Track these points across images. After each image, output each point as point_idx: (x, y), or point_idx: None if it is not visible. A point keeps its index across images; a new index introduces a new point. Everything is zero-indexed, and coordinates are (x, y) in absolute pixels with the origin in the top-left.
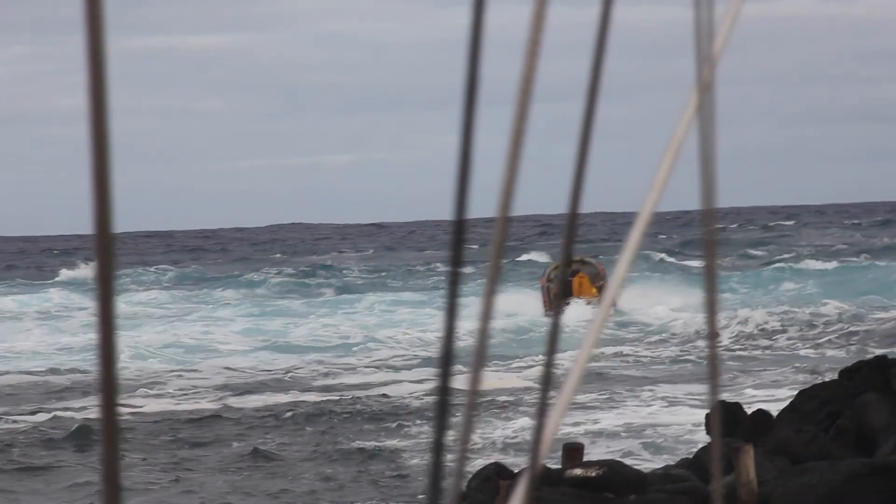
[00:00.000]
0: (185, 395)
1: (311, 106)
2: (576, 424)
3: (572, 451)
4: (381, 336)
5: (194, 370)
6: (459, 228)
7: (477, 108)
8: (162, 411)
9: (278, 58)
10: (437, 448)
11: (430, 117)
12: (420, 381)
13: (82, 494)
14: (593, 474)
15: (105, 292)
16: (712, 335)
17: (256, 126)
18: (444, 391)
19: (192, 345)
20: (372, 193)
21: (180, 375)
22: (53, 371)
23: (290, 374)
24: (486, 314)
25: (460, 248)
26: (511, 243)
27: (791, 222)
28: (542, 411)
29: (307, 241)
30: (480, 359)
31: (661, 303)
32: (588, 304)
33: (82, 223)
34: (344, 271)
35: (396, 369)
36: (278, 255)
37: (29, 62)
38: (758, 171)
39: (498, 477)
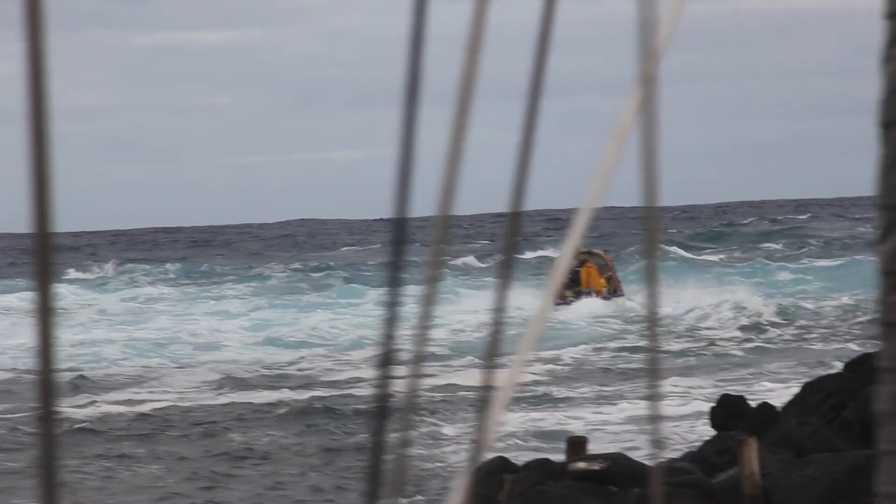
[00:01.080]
0: (184, 390)
1: (318, 101)
2: (577, 417)
3: (576, 445)
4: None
5: (196, 365)
6: (400, 228)
7: (418, 107)
8: (162, 407)
9: (286, 54)
10: (376, 448)
11: (438, 112)
12: (424, 377)
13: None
14: (597, 467)
15: (43, 291)
16: (652, 331)
17: (264, 122)
18: (383, 392)
19: (195, 340)
20: (380, 189)
21: (182, 370)
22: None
23: (294, 369)
24: (426, 316)
25: (401, 248)
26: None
27: (805, 216)
28: (482, 409)
29: (315, 237)
30: (420, 360)
31: (670, 296)
32: (599, 296)
33: (86, 220)
34: (351, 266)
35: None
36: (286, 252)
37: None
38: (769, 164)
39: (502, 471)
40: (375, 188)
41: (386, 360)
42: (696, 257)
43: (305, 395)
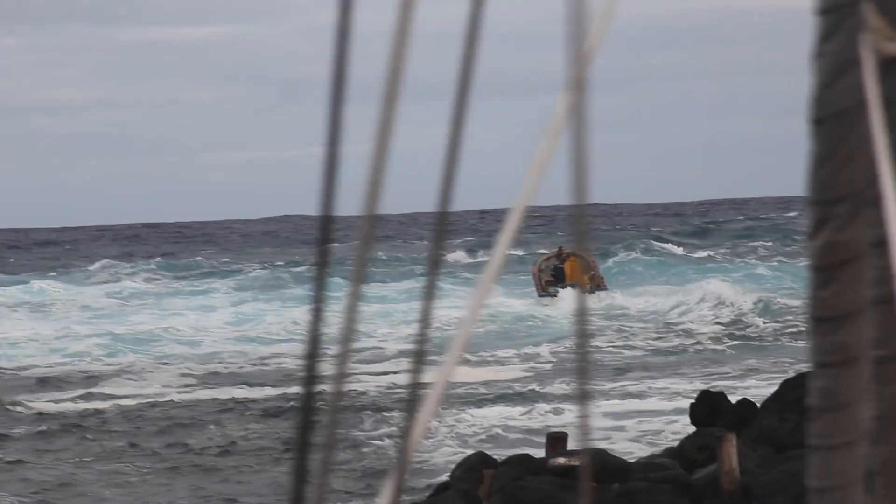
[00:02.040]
0: (159, 385)
1: (303, 97)
2: (558, 412)
3: (556, 441)
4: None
5: (174, 360)
6: (325, 226)
7: (344, 105)
8: (136, 404)
9: (270, 49)
10: (301, 448)
11: (425, 108)
12: (397, 373)
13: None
14: (576, 463)
15: None
16: (581, 328)
17: (247, 118)
18: (308, 393)
19: (175, 336)
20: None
21: (159, 366)
22: None
23: (273, 363)
24: (350, 318)
25: (326, 246)
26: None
27: (792, 213)
28: (410, 413)
29: (298, 233)
30: (344, 362)
31: (651, 292)
32: (583, 291)
33: (68, 215)
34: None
35: (373, 361)
36: (269, 248)
37: (20, 54)
38: (753, 161)
39: (482, 466)
40: (361, 184)
41: (311, 359)
42: (679, 254)
43: (281, 390)
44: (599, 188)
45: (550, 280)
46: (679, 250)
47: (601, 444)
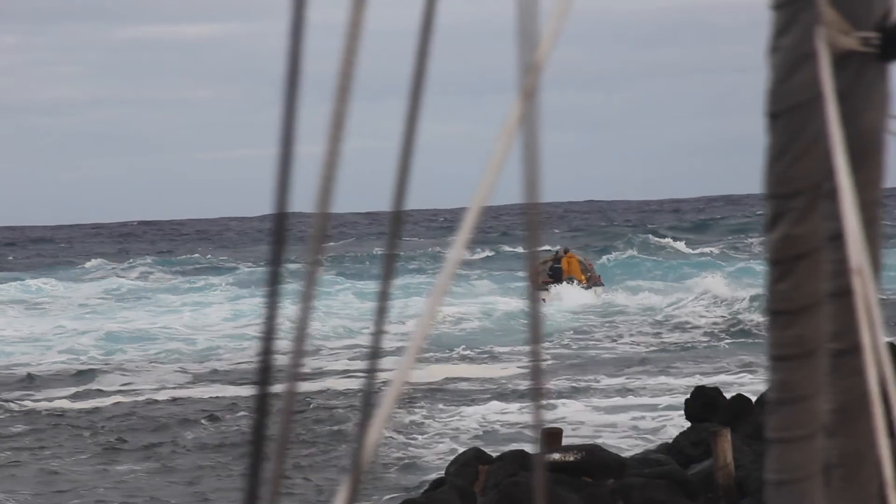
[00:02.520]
0: (154, 382)
1: (301, 95)
2: (552, 409)
3: (551, 436)
4: (355, 326)
5: (165, 358)
6: (280, 224)
7: (297, 108)
8: (131, 401)
9: (267, 47)
10: (256, 449)
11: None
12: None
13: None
14: (571, 458)
15: None
16: (534, 328)
17: (243, 116)
18: (262, 394)
19: (168, 332)
20: (362, 182)
21: (154, 363)
22: None
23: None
24: (303, 320)
25: (280, 245)
26: (497, 234)
27: None
28: (365, 416)
29: (297, 231)
30: (297, 364)
31: (647, 288)
32: (580, 284)
33: (65, 213)
34: (329, 259)
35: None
36: (265, 245)
37: (17, 52)
38: (759, 158)
39: (477, 462)
40: (358, 182)
41: (266, 358)
42: (676, 250)
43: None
44: (596, 185)
45: (548, 280)
46: (678, 245)
47: (596, 440)
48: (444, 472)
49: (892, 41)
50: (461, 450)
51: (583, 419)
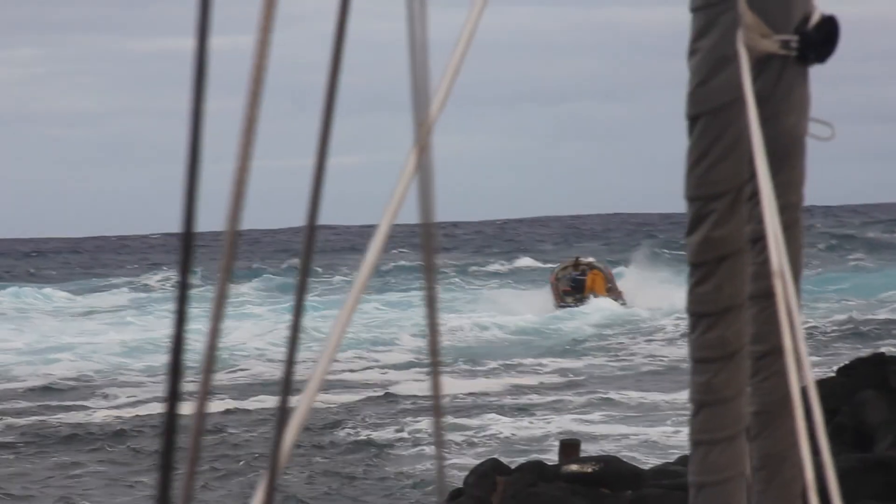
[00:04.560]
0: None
1: (315, 106)
2: (576, 421)
3: (569, 447)
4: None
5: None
6: (187, 240)
7: (204, 117)
8: (132, 414)
9: (285, 59)
10: (166, 462)
11: (440, 117)
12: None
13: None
14: (589, 470)
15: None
16: (433, 345)
17: (263, 127)
18: (171, 411)
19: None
20: (380, 195)
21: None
22: None
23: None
24: (214, 334)
25: (188, 258)
26: (513, 245)
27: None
28: (281, 419)
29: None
30: (207, 380)
31: (668, 299)
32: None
33: (89, 225)
34: (344, 272)
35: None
36: (278, 258)
37: (36, 64)
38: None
39: (495, 473)
40: (376, 194)
41: (175, 374)
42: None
43: (260, 399)
44: (616, 197)
45: (568, 290)
46: (680, 259)
47: (614, 452)
48: (462, 482)
49: (811, 44)
50: (479, 460)
51: (604, 431)
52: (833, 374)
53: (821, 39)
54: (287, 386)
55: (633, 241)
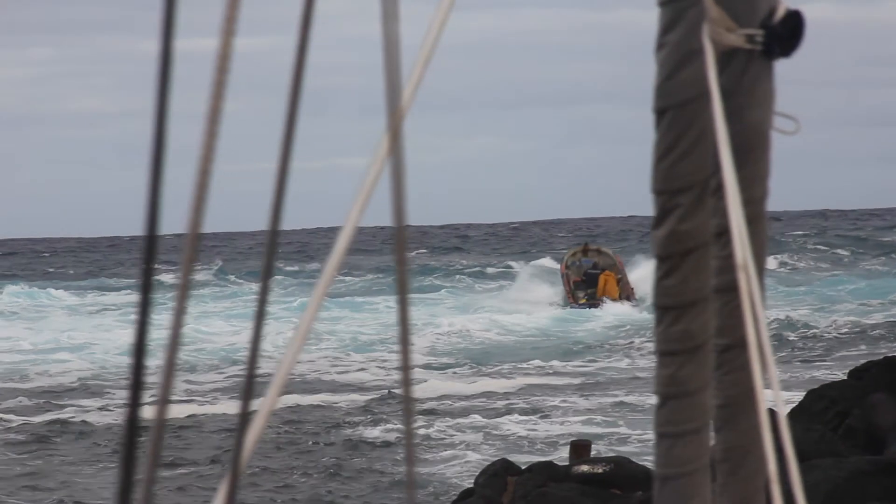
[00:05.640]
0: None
1: (331, 109)
2: (587, 422)
3: (580, 448)
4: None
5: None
6: (150, 246)
7: (167, 122)
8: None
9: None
10: (127, 465)
11: (450, 120)
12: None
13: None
14: (600, 470)
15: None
16: (404, 344)
17: (276, 129)
18: (133, 414)
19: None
20: (382, 197)
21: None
22: None
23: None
24: (174, 341)
25: (151, 264)
26: (528, 245)
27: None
28: (243, 419)
29: (321, 245)
30: (169, 382)
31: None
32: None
33: (102, 225)
34: (353, 274)
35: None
36: (290, 260)
37: (49, 64)
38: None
39: (505, 473)
40: (388, 196)
41: (137, 380)
42: None
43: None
44: (631, 200)
45: (579, 281)
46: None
47: (625, 453)
48: (472, 482)
49: (777, 38)
50: (490, 460)
51: (614, 432)
52: (844, 377)
53: (786, 34)
54: (249, 388)
55: (649, 244)
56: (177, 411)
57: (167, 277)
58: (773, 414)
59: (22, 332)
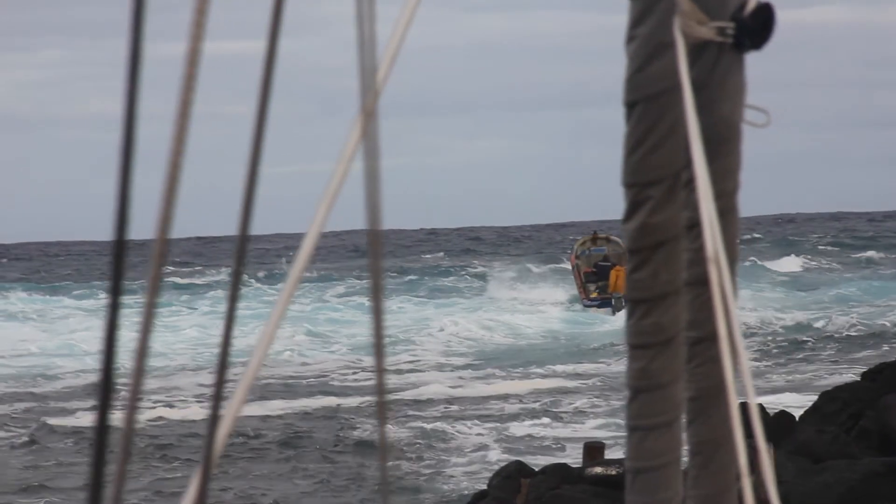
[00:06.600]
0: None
1: (340, 111)
2: (602, 427)
3: (593, 450)
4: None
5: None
6: (119, 250)
7: (136, 129)
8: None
9: (308, 63)
10: (97, 471)
11: (459, 122)
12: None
13: None
14: (613, 472)
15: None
16: (378, 348)
17: (287, 131)
18: (102, 421)
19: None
20: (403, 198)
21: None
22: None
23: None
24: (142, 348)
25: (120, 270)
26: (543, 250)
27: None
28: (215, 412)
29: (349, 248)
30: (137, 391)
31: None
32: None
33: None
34: (363, 277)
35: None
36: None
37: (62, 66)
38: (784, 176)
39: (519, 475)
40: (399, 198)
41: (106, 385)
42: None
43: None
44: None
45: (589, 272)
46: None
47: None
48: (486, 484)
49: (748, 31)
50: (504, 462)
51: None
52: (858, 379)
53: (757, 26)
54: (218, 391)
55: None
56: (188, 413)
57: (180, 280)
58: (744, 406)
59: (35, 334)
